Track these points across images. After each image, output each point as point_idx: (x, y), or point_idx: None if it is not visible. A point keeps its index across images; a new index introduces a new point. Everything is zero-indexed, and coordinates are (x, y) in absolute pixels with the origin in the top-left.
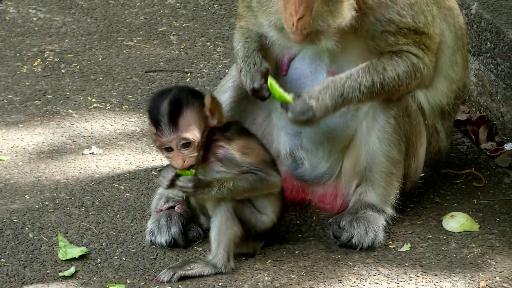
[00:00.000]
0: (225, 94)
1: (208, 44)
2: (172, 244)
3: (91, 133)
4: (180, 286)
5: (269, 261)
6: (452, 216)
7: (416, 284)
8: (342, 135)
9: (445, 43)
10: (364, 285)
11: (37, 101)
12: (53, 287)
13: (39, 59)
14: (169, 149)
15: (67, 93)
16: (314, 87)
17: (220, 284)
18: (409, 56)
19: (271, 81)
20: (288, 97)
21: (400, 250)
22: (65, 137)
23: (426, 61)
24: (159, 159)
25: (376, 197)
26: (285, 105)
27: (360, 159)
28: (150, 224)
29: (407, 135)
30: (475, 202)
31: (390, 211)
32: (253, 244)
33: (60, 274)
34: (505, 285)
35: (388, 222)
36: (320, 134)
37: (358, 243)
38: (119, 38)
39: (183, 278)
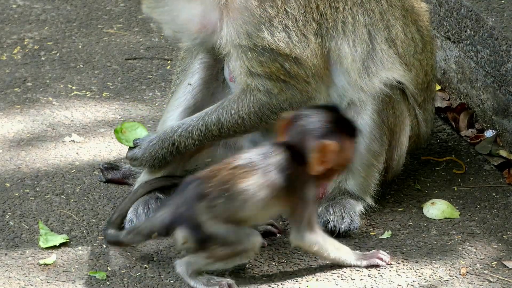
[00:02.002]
0: (194, 76)
1: None
2: None
3: (72, 120)
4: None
5: None
6: (433, 203)
7: (397, 271)
8: None
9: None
10: (345, 271)
11: (17, 89)
12: (34, 275)
13: (18, 47)
14: None
15: (47, 81)
16: (150, 136)
17: None
18: (256, 95)
19: (124, 126)
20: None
21: (381, 237)
22: (46, 124)
23: (285, 96)
24: None
25: (355, 186)
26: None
27: None
28: (128, 213)
29: (390, 128)
30: (456, 189)
31: (369, 200)
32: None
33: (41, 262)
34: (485, 271)
35: (366, 209)
36: None
37: (334, 228)
38: (99, 26)
39: None
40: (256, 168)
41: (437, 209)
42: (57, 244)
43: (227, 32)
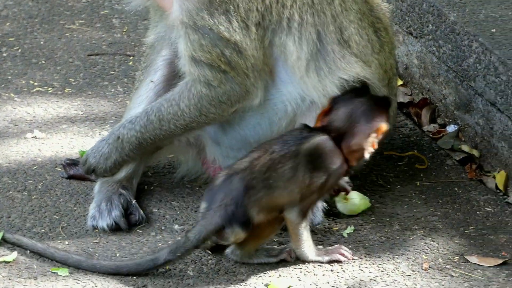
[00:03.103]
0: (156, 73)
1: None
2: (114, 228)
3: (34, 116)
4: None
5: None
6: (346, 199)
7: (359, 266)
8: (267, 133)
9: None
10: (307, 267)
11: None
12: None
13: None
14: None
15: (9, 77)
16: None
17: (167, 267)
18: (196, 87)
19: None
20: None
21: (344, 232)
22: (7, 121)
23: (224, 89)
24: None
25: None
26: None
27: None
28: (91, 209)
29: None
30: (418, 184)
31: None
32: None
33: (1, 259)
34: (447, 266)
35: (329, 204)
36: (240, 141)
37: None
38: (61, 22)
39: None
40: (293, 151)
41: (352, 204)
42: None
43: (175, 8)
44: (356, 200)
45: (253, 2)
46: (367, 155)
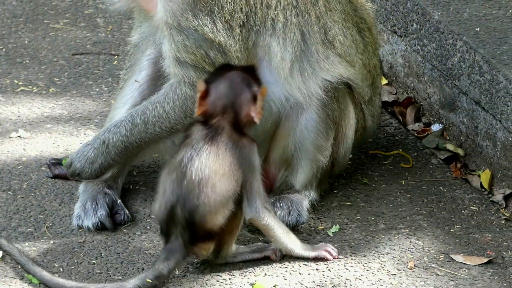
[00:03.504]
0: (141, 73)
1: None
2: (100, 227)
3: (18, 116)
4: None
5: None
6: None
7: (345, 265)
8: (252, 133)
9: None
10: (293, 266)
11: None
12: None
13: None
14: None
15: None
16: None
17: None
18: (181, 88)
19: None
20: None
21: (329, 231)
22: None
23: None
24: None
25: (302, 180)
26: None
27: (288, 148)
28: (76, 209)
29: (336, 122)
30: (403, 183)
31: (314, 194)
32: None
33: None
34: (433, 265)
35: (314, 203)
36: None
37: None
38: (45, 21)
39: None
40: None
41: None
42: None
43: (159, 9)
44: None
45: (237, 3)
46: (257, 121)
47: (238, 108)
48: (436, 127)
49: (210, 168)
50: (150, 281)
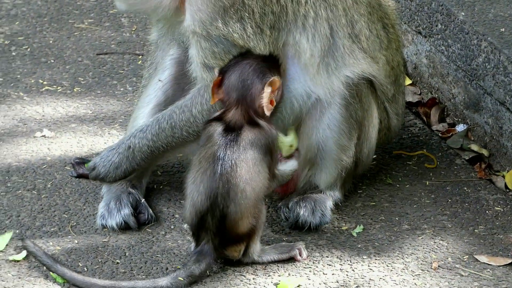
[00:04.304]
0: (164, 72)
1: None
2: (124, 227)
3: (43, 115)
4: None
5: None
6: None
7: (369, 266)
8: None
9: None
10: (317, 266)
11: None
12: (5, 271)
13: None
14: None
15: (18, 76)
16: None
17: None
18: (209, 92)
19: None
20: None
21: (353, 231)
22: (17, 120)
23: None
24: (111, 142)
25: (325, 180)
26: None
27: (311, 147)
28: (100, 208)
29: (359, 121)
30: (427, 183)
31: (338, 194)
32: None
33: (11, 258)
34: (457, 266)
35: (338, 203)
36: None
37: (305, 222)
38: (70, 21)
39: None
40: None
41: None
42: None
43: (187, 18)
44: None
45: (268, 5)
46: (267, 112)
47: (250, 99)
48: (460, 127)
49: (238, 175)
50: (182, 279)
